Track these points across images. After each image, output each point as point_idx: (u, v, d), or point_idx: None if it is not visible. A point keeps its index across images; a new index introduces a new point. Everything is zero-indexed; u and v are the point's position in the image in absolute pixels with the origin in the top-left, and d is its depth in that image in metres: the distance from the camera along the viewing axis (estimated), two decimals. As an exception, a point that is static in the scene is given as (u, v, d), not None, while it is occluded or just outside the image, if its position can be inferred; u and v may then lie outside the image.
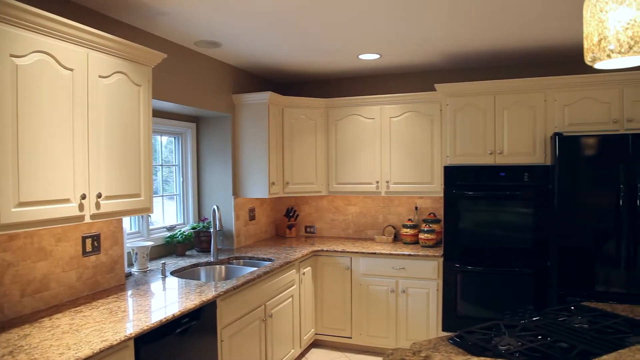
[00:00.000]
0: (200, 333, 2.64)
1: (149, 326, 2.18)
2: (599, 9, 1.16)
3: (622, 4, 1.12)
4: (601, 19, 1.16)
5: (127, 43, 2.55)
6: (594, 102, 3.66)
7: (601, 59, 1.17)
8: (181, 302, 2.57)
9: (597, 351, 1.67)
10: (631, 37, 1.11)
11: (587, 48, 1.21)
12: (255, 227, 4.73)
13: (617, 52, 1.13)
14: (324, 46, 3.72)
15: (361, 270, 4.22)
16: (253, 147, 4.29)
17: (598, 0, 1.17)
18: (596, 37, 1.17)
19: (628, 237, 3.34)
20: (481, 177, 3.83)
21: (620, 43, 1.12)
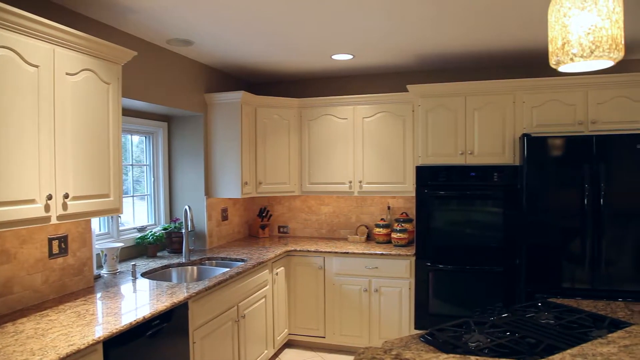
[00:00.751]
0: (171, 335, 2.60)
1: (118, 329, 2.14)
2: (562, 14, 1.20)
3: (584, 10, 1.15)
4: (565, 24, 1.19)
5: (95, 40, 2.49)
6: (561, 104, 3.76)
7: (565, 62, 1.21)
8: (152, 304, 2.53)
9: (562, 346, 1.72)
10: (592, 41, 1.15)
11: (552, 52, 1.25)
12: (228, 228, 4.69)
13: (579, 56, 1.17)
14: (297, 46, 3.71)
15: (334, 269, 4.23)
16: (226, 146, 4.25)
17: (562, 6, 1.20)
18: (560, 41, 1.21)
19: (592, 236, 3.45)
20: (452, 177, 3.89)
21: (583, 47, 1.16)
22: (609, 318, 2.12)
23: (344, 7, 2.85)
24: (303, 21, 3.11)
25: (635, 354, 1.43)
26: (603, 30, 1.15)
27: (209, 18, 3.01)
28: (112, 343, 2.14)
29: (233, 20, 3.06)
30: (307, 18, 3.04)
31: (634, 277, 3.38)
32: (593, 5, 1.16)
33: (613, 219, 3.41)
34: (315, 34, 3.41)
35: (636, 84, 3.63)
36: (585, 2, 1.16)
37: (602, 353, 1.44)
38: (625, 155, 3.39)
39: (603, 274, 3.44)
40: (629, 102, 3.64)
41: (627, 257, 3.40)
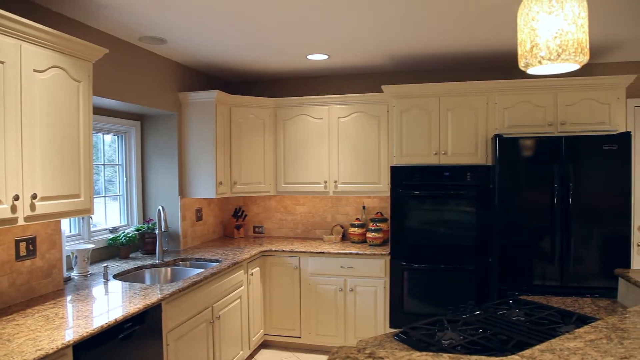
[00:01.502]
0: (144, 338, 2.56)
1: (88, 332, 2.10)
2: (531, 18, 1.23)
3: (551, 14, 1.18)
4: (533, 28, 1.22)
5: (64, 36, 2.44)
6: (531, 106, 3.84)
7: (533, 64, 1.24)
8: (124, 306, 2.48)
9: (532, 341, 1.76)
10: (559, 45, 1.18)
11: (521, 54, 1.27)
12: (203, 228, 4.65)
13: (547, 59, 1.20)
14: (272, 45, 3.70)
15: (310, 269, 4.23)
16: (200, 146, 4.21)
17: (530, 10, 1.23)
18: (529, 44, 1.24)
19: (561, 234, 3.54)
20: (426, 176, 3.94)
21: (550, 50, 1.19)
22: (576, 314, 2.18)
23: (319, 8, 2.86)
24: (278, 21, 3.10)
25: (600, 348, 1.47)
26: (569, 35, 1.18)
27: (182, 16, 2.98)
28: (83, 347, 2.10)
29: (207, 18, 3.03)
30: (283, 18, 3.04)
31: (601, 274, 3.48)
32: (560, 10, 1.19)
33: (581, 217, 3.51)
34: (291, 34, 3.41)
35: (602, 87, 3.74)
36: (552, 7, 1.19)
37: (569, 348, 1.48)
38: (592, 155, 3.49)
39: (572, 271, 3.53)
40: (596, 104, 3.75)
41: (594, 254, 3.50)
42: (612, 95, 3.74)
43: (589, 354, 1.43)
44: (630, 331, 1.63)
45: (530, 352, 1.45)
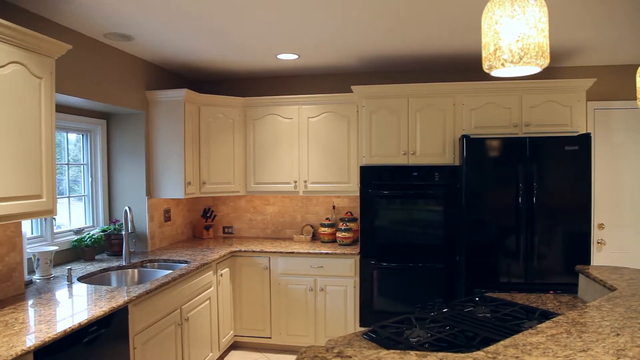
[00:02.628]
0: (110, 341, 2.51)
1: (50, 337, 2.04)
2: (494, 21, 1.26)
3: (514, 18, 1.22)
4: (496, 31, 1.25)
5: (25, 31, 2.36)
6: (497, 107, 3.93)
7: (497, 67, 1.27)
8: (89, 309, 2.42)
9: (497, 337, 1.80)
10: (521, 48, 1.21)
11: (485, 57, 1.30)
12: (171, 229, 4.57)
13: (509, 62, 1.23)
14: (242, 44, 3.68)
15: (280, 269, 4.22)
16: (168, 145, 4.14)
17: (494, 14, 1.26)
18: (492, 47, 1.27)
19: (526, 232, 3.63)
20: (395, 176, 3.98)
21: (512, 53, 1.22)
22: (539, 309, 2.24)
23: (289, 8, 2.85)
24: (247, 20, 3.08)
25: (560, 342, 1.52)
26: (531, 38, 1.22)
27: (148, 13, 2.92)
28: (45, 353, 2.03)
29: (174, 17, 2.99)
30: (251, 17, 3.02)
31: (563, 271, 3.59)
32: (522, 14, 1.22)
33: (544, 216, 3.61)
34: (260, 34, 3.39)
35: (564, 90, 3.86)
36: (514, 11, 1.23)
37: (532, 342, 1.52)
38: (555, 156, 3.60)
39: (536, 268, 3.63)
40: (558, 106, 3.87)
41: (556, 251, 3.61)
42: (574, 98, 3.86)
43: (550, 348, 1.48)
44: (588, 325, 1.69)
45: (494, 347, 1.49)
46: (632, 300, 2.02)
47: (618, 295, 2.11)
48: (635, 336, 1.57)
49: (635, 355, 1.41)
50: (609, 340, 1.54)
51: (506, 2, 1.24)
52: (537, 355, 1.42)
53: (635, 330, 1.62)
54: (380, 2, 2.79)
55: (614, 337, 1.56)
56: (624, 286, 2.27)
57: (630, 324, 1.69)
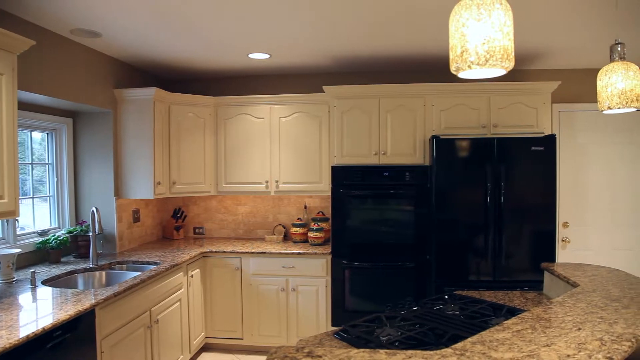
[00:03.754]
0: (76, 346, 2.44)
1: (11, 343, 1.97)
2: (461, 24, 1.28)
3: (480, 21, 1.24)
4: (463, 34, 1.28)
5: (-14, 28, 2.28)
6: (466, 108, 4.00)
7: (463, 69, 1.30)
8: (54, 313, 2.36)
9: (465, 334, 1.83)
10: (487, 51, 1.24)
11: (452, 59, 1.33)
12: (140, 230, 4.49)
13: (476, 64, 1.26)
14: (213, 43, 3.64)
15: (251, 270, 4.20)
16: (137, 145, 4.07)
17: (461, 17, 1.28)
18: (459, 49, 1.29)
19: (494, 231, 3.71)
20: (366, 176, 4.01)
21: (479, 56, 1.25)
22: (506, 306, 2.30)
23: (260, 7, 2.84)
24: (218, 19, 3.05)
25: (525, 337, 1.56)
26: (496, 41, 1.25)
27: (116, 9, 2.87)
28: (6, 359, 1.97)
29: (144, 13, 2.93)
30: (222, 16, 2.99)
31: (530, 268, 3.68)
32: (487, 17, 1.25)
33: (512, 215, 3.69)
34: (231, 33, 3.36)
35: (530, 92, 3.96)
36: (480, 15, 1.25)
37: (498, 339, 1.56)
38: (522, 156, 3.69)
39: (503, 266, 3.71)
40: (525, 108, 3.97)
41: (523, 250, 3.70)
42: (539, 100, 3.97)
43: (515, 343, 1.51)
44: (552, 321, 1.74)
45: (462, 344, 1.52)
46: (593, 295, 2.09)
47: (580, 291, 2.18)
48: (595, 330, 1.62)
49: (594, 348, 1.46)
50: (571, 334, 1.59)
51: (473, 5, 1.27)
52: (503, 351, 1.45)
53: (595, 325, 1.68)
54: (350, 5, 2.81)
55: (575, 331, 1.61)
56: (586, 282, 2.34)
57: (590, 319, 1.75)
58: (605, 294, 2.11)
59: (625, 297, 2.06)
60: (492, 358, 1.40)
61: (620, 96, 2.13)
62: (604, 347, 1.47)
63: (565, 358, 1.39)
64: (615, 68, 2.15)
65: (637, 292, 2.13)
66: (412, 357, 1.40)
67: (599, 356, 1.40)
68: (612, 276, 2.48)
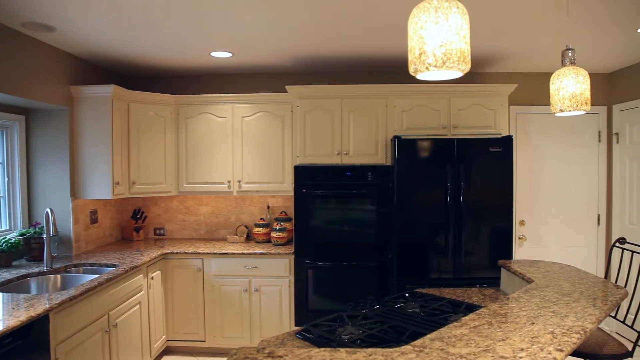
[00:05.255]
0: (29, 353, 2.35)
1: (-41, 350, 1.88)
2: (419, 26, 1.31)
3: (437, 24, 1.27)
4: (421, 36, 1.30)
5: None
6: (427, 109, 4.08)
7: (421, 70, 1.32)
8: (4, 319, 2.26)
9: (425, 331, 1.87)
10: (444, 53, 1.27)
11: (411, 60, 1.35)
12: (98, 231, 4.37)
13: (433, 66, 1.28)
14: (174, 40, 3.58)
15: (213, 271, 4.15)
16: (95, 144, 3.95)
17: (419, 19, 1.31)
18: (417, 51, 1.31)
19: (454, 229, 3.79)
20: (329, 176, 4.03)
21: (436, 58, 1.28)
22: (465, 303, 2.36)
23: (221, 5, 2.81)
24: (179, 16, 3.00)
25: (482, 333, 1.61)
26: (453, 44, 1.28)
27: (72, 2, 2.77)
28: (-48, 366, 1.88)
29: (102, 7, 2.85)
30: (185, 11, 2.94)
31: (488, 265, 3.78)
32: (445, 21, 1.28)
33: (471, 214, 3.79)
34: (192, 30, 3.31)
35: (489, 94, 4.07)
36: (438, 18, 1.28)
37: (456, 335, 1.59)
38: (480, 157, 3.78)
39: (463, 263, 3.80)
40: (483, 110, 4.07)
41: (482, 247, 3.80)
42: (497, 102, 4.08)
43: (472, 339, 1.55)
44: (508, 316, 1.79)
45: (421, 341, 1.55)
46: (546, 291, 2.17)
47: (534, 286, 2.26)
48: (548, 324, 1.68)
49: (546, 341, 1.52)
50: (525, 329, 1.64)
51: (431, 8, 1.30)
52: (461, 346, 1.49)
53: (547, 319, 1.74)
54: (310, 6, 2.81)
55: (529, 325, 1.67)
56: (539, 278, 2.43)
57: (543, 313, 1.81)
58: (557, 289, 2.19)
59: (576, 291, 2.15)
60: (450, 354, 1.43)
61: (571, 99, 2.22)
62: (555, 340, 1.52)
63: (519, 352, 1.44)
64: (566, 72, 2.24)
65: (587, 287, 2.23)
66: (373, 355, 1.41)
67: (550, 349, 1.46)
68: (564, 272, 2.58)
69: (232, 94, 4.53)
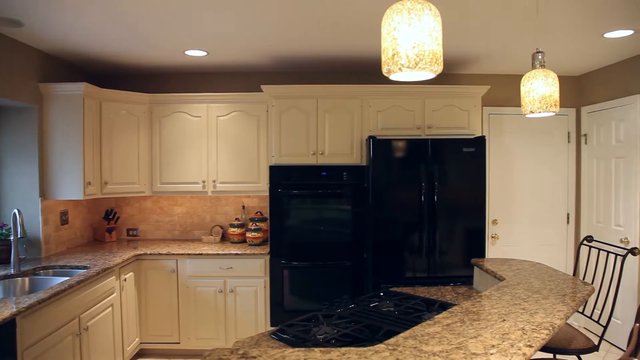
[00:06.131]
0: (-6, 357, 2.29)
1: None
2: (392, 27, 1.32)
3: (410, 25, 1.28)
4: (395, 37, 1.32)
5: None
6: (402, 110, 4.12)
7: (395, 71, 1.33)
8: (-32, 323, 2.19)
9: (399, 330, 1.88)
10: (417, 54, 1.28)
11: (384, 61, 1.36)
12: (69, 232, 4.27)
13: (406, 67, 1.30)
14: (147, 38, 3.52)
15: (188, 272, 4.10)
16: (65, 143, 3.86)
17: (392, 20, 1.32)
18: (390, 52, 1.33)
19: (428, 229, 3.84)
20: (304, 176, 4.03)
21: (409, 59, 1.29)
22: (439, 301, 2.38)
23: (196, 3, 2.78)
24: (154, 11, 2.96)
25: (454, 330, 1.63)
26: (426, 45, 1.29)
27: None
28: None
29: (72, 3, 2.79)
30: (159, 8, 2.90)
31: (462, 264, 3.84)
32: (417, 22, 1.29)
33: (445, 213, 3.84)
34: (168, 27, 3.27)
35: (462, 95, 4.13)
36: (411, 19, 1.29)
37: (429, 333, 1.61)
38: (454, 157, 3.84)
39: (437, 262, 3.85)
40: (457, 110, 4.13)
41: (456, 246, 3.85)
42: (471, 103, 4.15)
43: (445, 337, 1.58)
44: (480, 313, 1.82)
45: (395, 339, 1.56)
46: (517, 288, 2.21)
47: (506, 284, 2.30)
48: (518, 320, 1.72)
49: (517, 338, 1.55)
50: (497, 326, 1.67)
51: (404, 10, 1.31)
52: (434, 344, 1.51)
53: (518, 315, 1.78)
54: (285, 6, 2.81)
55: (500, 322, 1.70)
56: (511, 276, 2.48)
57: (514, 310, 1.85)
58: (528, 287, 2.24)
59: (545, 288, 2.20)
60: (423, 352, 1.45)
61: (541, 101, 2.27)
62: (525, 336, 1.56)
63: (490, 348, 1.46)
64: (536, 75, 2.29)
65: (556, 284, 2.28)
66: (346, 355, 1.42)
67: (520, 345, 1.49)
68: (534, 269, 2.64)
69: (207, 93, 4.49)
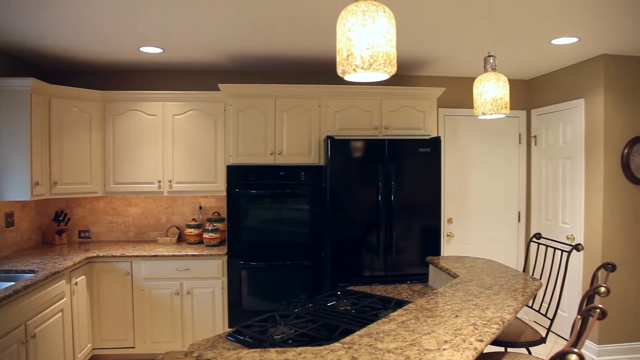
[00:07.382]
0: None
1: None
2: (347, 28, 1.33)
3: (365, 27, 1.30)
4: (349, 38, 1.33)
5: None
6: (360, 110, 4.16)
7: (349, 72, 1.35)
8: None
9: (356, 328, 1.90)
10: (371, 56, 1.30)
11: (339, 62, 1.37)
12: (15, 235, 4.08)
13: (360, 68, 1.31)
14: (100, 33, 3.41)
15: (143, 274, 4.00)
16: (10, 141, 3.69)
17: (347, 21, 1.33)
18: (345, 53, 1.34)
19: (385, 228, 3.89)
20: (262, 176, 4.01)
21: (363, 60, 1.31)
22: (395, 299, 2.42)
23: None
24: (106, 6, 2.86)
25: (409, 327, 1.66)
26: (380, 47, 1.31)
27: (-16, -9, 2.58)
28: None
29: (16, -3, 2.67)
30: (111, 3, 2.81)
31: (418, 262, 3.92)
32: (372, 24, 1.31)
33: (401, 212, 3.90)
34: (122, 22, 3.17)
35: (418, 97, 4.22)
36: (365, 21, 1.31)
37: (384, 330, 1.64)
38: (411, 157, 3.91)
39: (394, 260, 3.91)
40: (413, 112, 4.21)
41: (412, 245, 3.93)
42: (427, 105, 4.23)
43: (400, 334, 1.60)
44: (434, 310, 1.87)
45: (350, 338, 1.57)
46: (469, 285, 2.28)
47: (459, 281, 2.36)
48: (470, 316, 1.77)
49: (469, 333, 1.59)
50: (450, 322, 1.71)
51: (358, 11, 1.32)
52: (389, 341, 1.53)
53: (470, 311, 1.83)
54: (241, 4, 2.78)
55: (453, 318, 1.75)
56: (464, 273, 2.55)
57: (467, 306, 1.90)
58: (480, 283, 2.31)
59: (497, 284, 2.28)
60: (378, 349, 1.47)
61: (492, 103, 2.34)
62: (477, 331, 1.61)
63: (443, 344, 1.50)
64: (488, 78, 2.36)
65: (507, 280, 2.36)
66: (302, 354, 1.42)
67: (472, 339, 1.53)
68: (486, 266, 2.72)
69: (163, 91, 4.39)
